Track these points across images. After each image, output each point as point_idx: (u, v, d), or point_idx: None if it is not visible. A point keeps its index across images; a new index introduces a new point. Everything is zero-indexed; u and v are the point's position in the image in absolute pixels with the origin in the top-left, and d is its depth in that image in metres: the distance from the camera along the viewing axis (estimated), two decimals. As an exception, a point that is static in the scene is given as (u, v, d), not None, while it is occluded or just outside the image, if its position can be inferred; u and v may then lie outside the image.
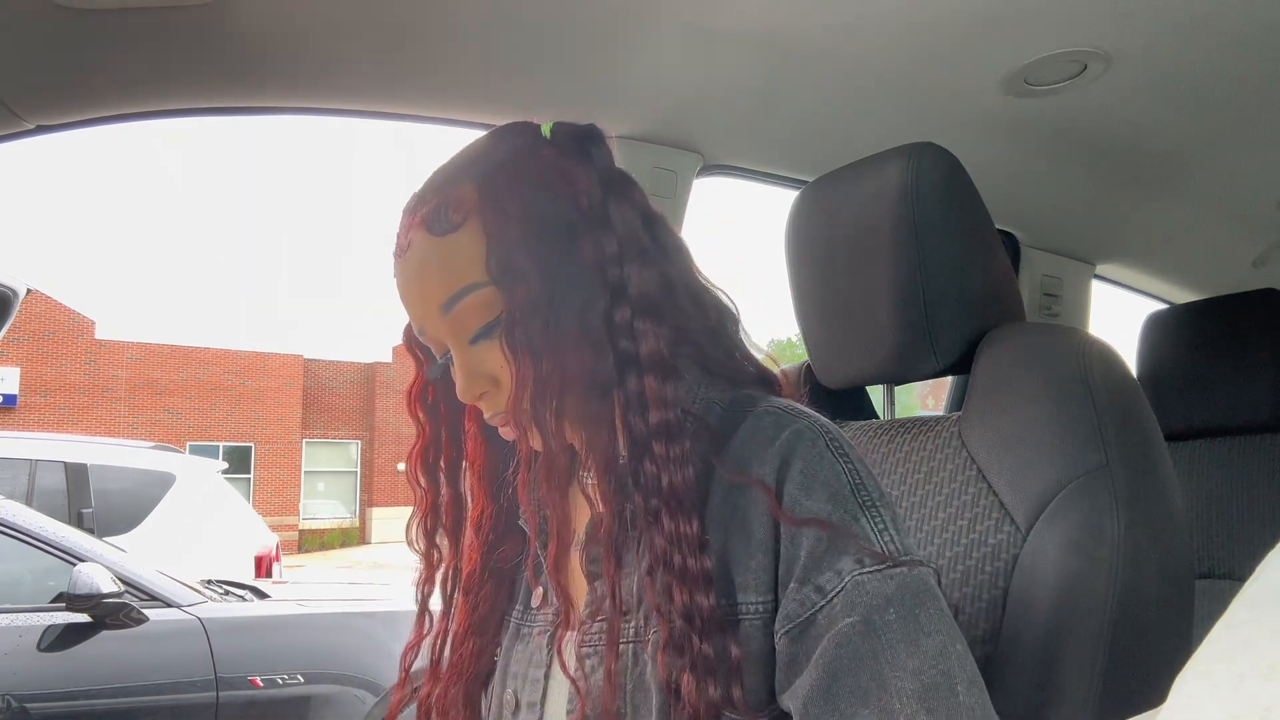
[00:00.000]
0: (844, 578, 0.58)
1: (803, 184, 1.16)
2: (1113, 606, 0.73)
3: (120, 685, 2.64)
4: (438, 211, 0.65)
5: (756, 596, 0.61)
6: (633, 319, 0.64)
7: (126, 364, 16.07)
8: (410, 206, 0.68)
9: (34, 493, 4.94)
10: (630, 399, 0.63)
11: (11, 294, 1.06)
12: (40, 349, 15.11)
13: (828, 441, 0.63)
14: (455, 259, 0.65)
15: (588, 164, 0.68)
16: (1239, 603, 0.27)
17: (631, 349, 0.64)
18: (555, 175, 0.67)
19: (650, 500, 0.62)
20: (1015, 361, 0.84)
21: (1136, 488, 0.76)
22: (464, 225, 0.65)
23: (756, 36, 1.10)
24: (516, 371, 0.62)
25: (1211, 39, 1.12)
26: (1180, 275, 2.04)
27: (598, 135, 0.70)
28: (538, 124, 0.70)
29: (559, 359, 0.62)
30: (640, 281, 0.65)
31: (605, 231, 0.66)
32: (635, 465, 0.63)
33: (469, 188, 0.66)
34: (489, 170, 0.66)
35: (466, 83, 1.17)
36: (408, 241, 0.67)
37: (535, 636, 0.73)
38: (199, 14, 0.93)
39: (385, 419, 19.36)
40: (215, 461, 6.37)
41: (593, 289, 0.65)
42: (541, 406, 0.62)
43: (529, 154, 0.68)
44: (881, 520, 0.60)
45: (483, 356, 0.66)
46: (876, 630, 0.56)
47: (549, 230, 0.64)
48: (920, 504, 0.86)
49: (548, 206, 0.65)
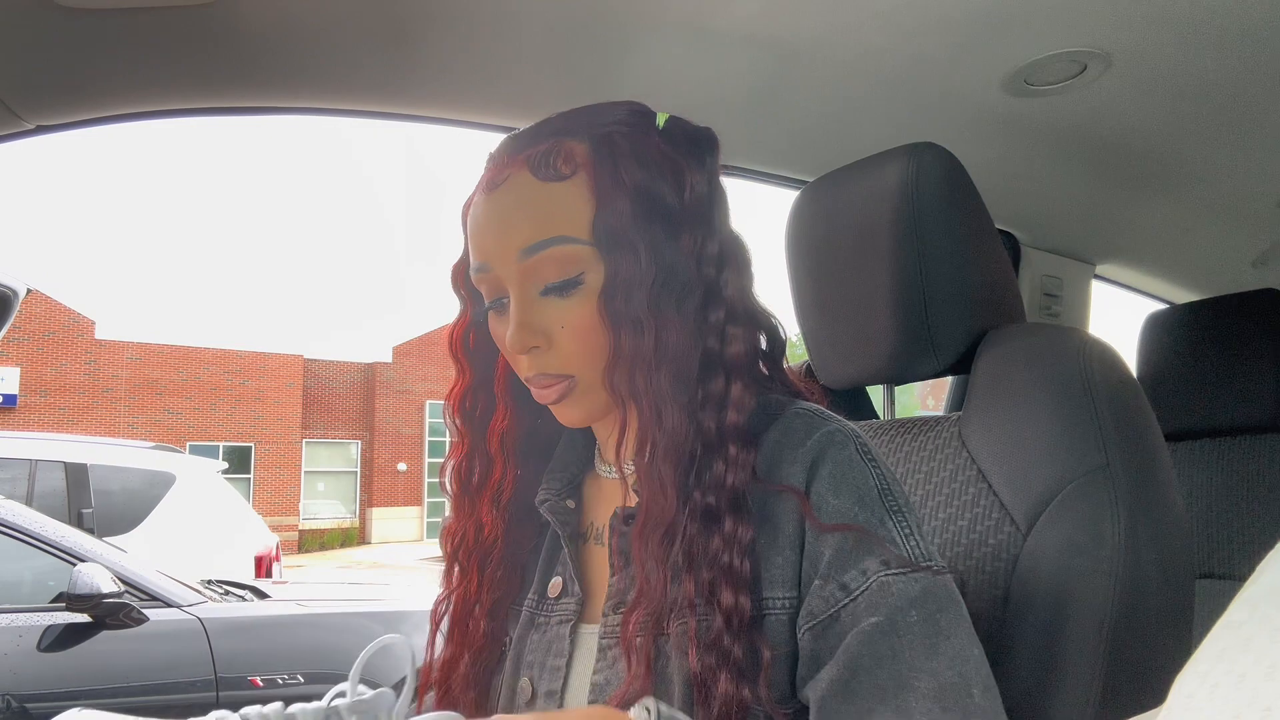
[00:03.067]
0: (869, 577, 0.58)
1: (803, 184, 1.16)
2: (1113, 606, 0.73)
3: (120, 685, 2.64)
4: (547, 156, 0.64)
5: (782, 592, 0.61)
6: (725, 321, 0.66)
7: (126, 364, 16.07)
8: (511, 145, 0.67)
9: (34, 493, 4.94)
10: (710, 397, 0.64)
11: (11, 294, 1.06)
12: (40, 349, 15.11)
13: (857, 446, 0.64)
14: (554, 208, 0.64)
15: (698, 163, 0.68)
16: (1239, 603, 0.27)
17: (718, 349, 0.65)
18: (665, 162, 0.66)
19: (709, 498, 0.62)
20: (1015, 362, 0.84)
21: (1136, 488, 0.76)
22: (571, 179, 0.64)
23: (756, 37, 1.10)
24: (615, 341, 0.63)
25: (1212, 39, 1.12)
26: (1180, 275, 2.04)
27: (714, 141, 0.71)
28: (653, 111, 0.70)
29: (660, 335, 0.62)
30: (735, 288, 0.67)
31: (708, 231, 0.67)
32: (705, 463, 0.63)
33: (582, 144, 0.65)
34: (606, 134, 0.66)
35: (466, 83, 1.17)
36: (504, 177, 0.66)
37: (554, 626, 0.72)
38: (199, 14, 0.93)
39: (385, 419, 19.37)
40: (215, 461, 6.38)
41: (690, 281, 0.65)
42: (640, 379, 0.62)
43: (644, 132, 0.67)
44: (908, 525, 0.61)
45: (545, 311, 0.65)
46: (899, 630, 0.57)
47: (657, 211, 0.65)
48: (920, 504, 0.86)
49: (658, 187, 0.65)
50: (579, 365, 0.66)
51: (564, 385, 0.66)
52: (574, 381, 0.66)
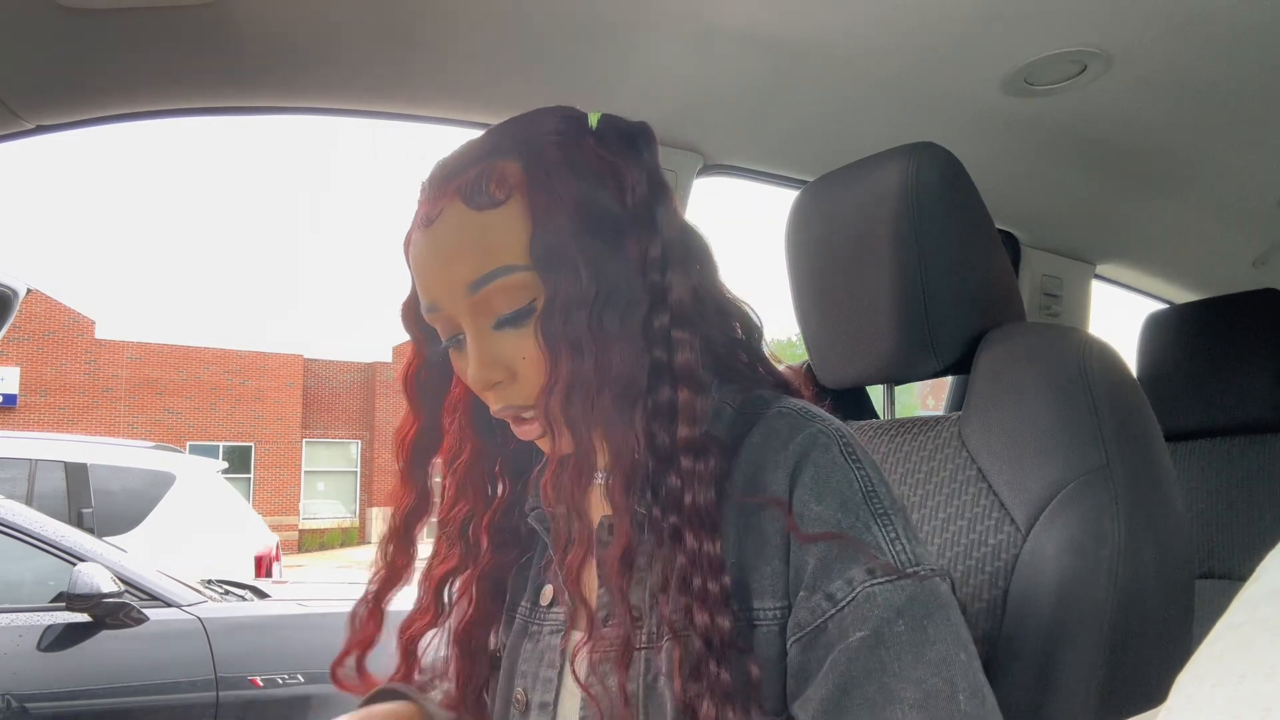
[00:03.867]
0: (855, 587, 0.57)
1: (803, 184, 1.16)
2: (1113, 606, 0.73)
3: (120, 685, 2.64)
4: (478, 183, 0.61)
5: (772, 602, 0.60)
6: (670, 327, 0.63)
7: (126, 364, 16.07)
8: (441, 174, 0.64)
9: (34, 493, 4.94)
10: (659, 408, 0.61)
11: (11, 294, 1.06)
12: (40, 349, 15.10)
13: (841, 446, 0.61)
14: (492, 237, 0.61)
15: (636, 162, 0.65)
16: (1239, 603, 0.27)
17: (665, 358, 0.62)
18: (603, 167, 0.64)
19: (670, 516, 0.60)
20: (1015, 361, 0.84)
21: (1136, 488, 0.76)
22: (506, 203, 0.61)
23: (756, 36, 1.10)
24: (553, 366, 0.60)
25: (1212, 39, 1.12)
26: (1180, 275, 2.04)
27: (649, 135, 0.68)
28: (582, 111, 0.68)
29: (601, 357, 0.59)
30: (680, 290, 0.63)
31: (650, 234, 0.64)
32: (659, 478, 0.61)
33: (514, 164, 0.62)
34: (537, 149, 0.63)
35: (466, 83, 1.17)
36: (437, 211, 0.62)
37: (546, 636, 0.71)
38: (199, 14, 0.93)
39: (385, 419, 19.35)
40: (215, 461, 6.38)
41: (634, 289, 0.62)
42: (579, 405, 0.59)
43: (576, 139, 0.64)
44: (894, 529, 0.59)
45: (503, 344, 0.63)
46: (885, 643, 0.55)
47: (597, 222, 0.62)
48: (920, 504, 0.86)
49: (597, 197, 0.63)
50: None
51: (542, 422, 0.63)
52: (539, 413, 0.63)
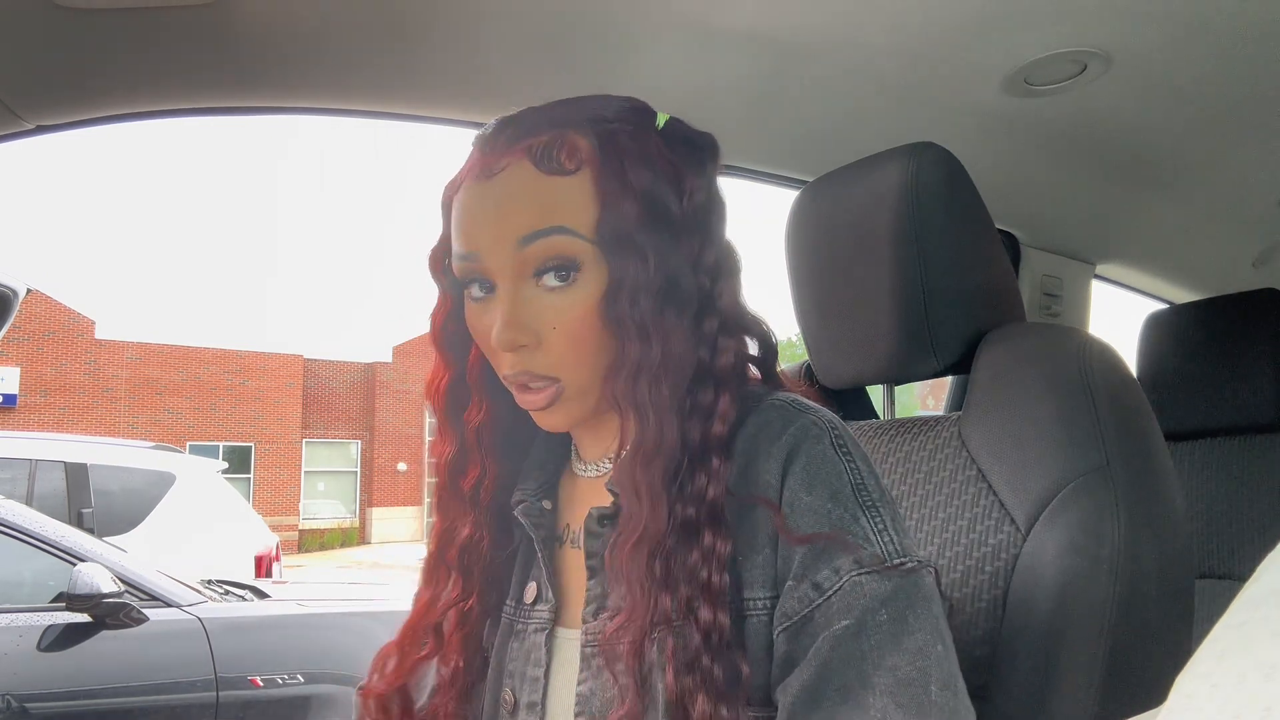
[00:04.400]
0: (842, 576, 0.58)
1: (803, 184, 1.16)
2: (1113, 606, 0.73)
3: (120, 685, 2.64)
4: (549, 149, 0.62)
5: (762, 592, 0.61)
6: (718, 332, 0.65)
7: (126, 364, 16.07)
8: (509, 133, 0.64)
9: (34, 493, 4.94)
10: (699, 407, 0.63)
11: (11, 294, 1.06)
12: (40, 349, 15.11)
13: (833, 438, 0.62)
14: (557, 199, 0.62)
15: (699, 170, 0.67)
16: (1239, 603, 0.27)
17: (709, 359, 0.64)
18: (667, 166, 0.65)
19: (690, 510, 0.61)
20: (1015, 361, 0.84)
21: (1136, 488, 0.76)
22: (576, 174, 0.62)
23: (756, 36, 1.10)
24: (621, 348, 0.61)
25: (1212, 39, 1.12)
26: (1180, 275, 2.04)
27: (715, 148, 0.69)
28: (653, 109, 0.68)
29: (666, 345, 0.61)
30: (729, 298, 0.66)
31: (705, 241, 0.65)
32: (688, 474, 0.62)
33: (586, 140, 0.63)
34: (610, 132, 0.64)
35: (466, 83, 1.17)
36: (502, 165, 0.63)
37: (531, 634, 0.71)
38: (199, 14, 0.93)
39: (385, 419, 19.36)
40: (215, 461, 6.38)
41: (691, 289, 0.64)
42: (646, 388, 0.61)
43: (646, 133, 0.65)
44: (881, 521, 0.60)
45: (536, 308, 0.63)
46: (867, 631, 0.56)
47: (661, 216, 0.63)
48: (920, 504, 0.86)
49: (662, 191, 0.64)
50: (567, 368, 0.63)
51: (552, 390, 0.64)
52: (560, 386, 0.64)
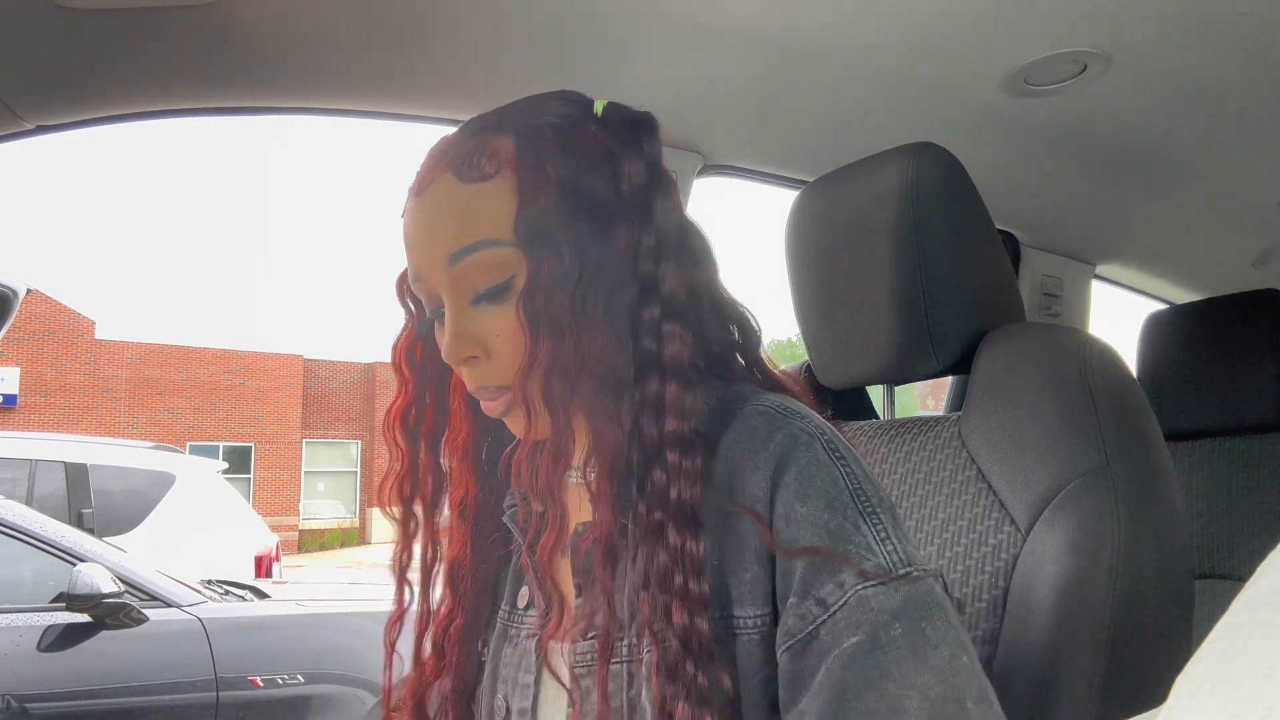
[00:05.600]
0: (846, 591, 0.55)
1: (803, 184, 1.16)
2: (1113, 606, 0.73)
3: (120, 685, 2.64)
4: (470, 156, 0.61)
5: (753, 610, 0.58)
6: (661, 319, 0.61)
7: (126, 364, 16.07)
8: (439, 147, 0.64)
9: (34, 493, 4.94)
10: (647, 401, 0.60)
11: (11, 294, 1.06)
12: (40, 349, 15.10)
13: (824, 444, 0.59)
14: (478, 210, 0.61)
15: (636, 151, 0.65)
16: (1239, 603, 0.27)
17: (654, 349, 0.61)
18: (600, 152, 0.63)
19: (654, 512, 0.58)
20: (1015, 361, 0.84)
21: (1136, 488, 0.76)
22: (495, 178, 0.61)
23: (756, 36, 1.10)
24: (533, 345, 0.59)
25: (1211, 39, 1.12)
26: (1180, 275, 2.04)
27: (653, 125, 0.67)
28: (589, 98, 0.67)
29: (581, 340, 0.59)
30: (673, 282, 0.62)
31: (644, 223, 0.63)
32: (644, 473, 0.59)
33: (508, 140, 0.62)
34: (533, 127, 0.63)
35: (466, 83, 1.17)
36: (429, 180, 0.63)
37: (523, 640, 0.70)
38: (199, 14, 0.93)
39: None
40: (215, 461, 6.39)
41: (622, 277, 0.61)
42: (557, 387, 0.58)
43: (577, 123, 0.64)
44: (883, 528, 0.57)
45: (479, 320, 0.62)
46: (883, 648, 0.53)
47: (586, 204, 0.61)
48: (920, 504, 0.86)
49: (589, 180, 0.62)
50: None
51: (507, 398, 0.63)
52: (515, 394, 0.62)
